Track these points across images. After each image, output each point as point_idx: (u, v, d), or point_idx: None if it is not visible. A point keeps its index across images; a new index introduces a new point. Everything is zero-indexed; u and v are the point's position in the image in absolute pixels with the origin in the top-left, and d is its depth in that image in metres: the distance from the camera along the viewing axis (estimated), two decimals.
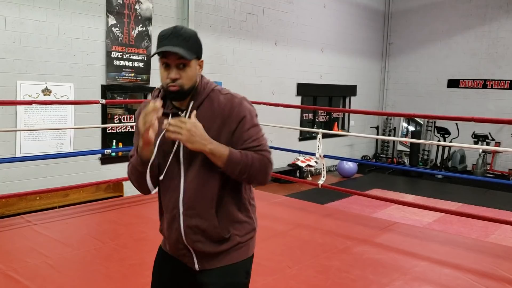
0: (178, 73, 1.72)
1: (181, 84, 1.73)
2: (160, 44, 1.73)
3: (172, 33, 1.72)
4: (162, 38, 1.73)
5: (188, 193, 1.80)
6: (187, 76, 1.74)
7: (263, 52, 8.98)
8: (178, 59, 1.70)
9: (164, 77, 1.75)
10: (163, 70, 1.75)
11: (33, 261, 3.60)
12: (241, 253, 1.90)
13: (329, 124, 11.16)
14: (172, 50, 1.68)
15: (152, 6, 6.95)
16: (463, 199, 8.25)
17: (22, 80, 5.71)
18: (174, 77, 1.72)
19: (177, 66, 1.72)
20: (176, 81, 1.72)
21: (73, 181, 5.94)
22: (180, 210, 1.82)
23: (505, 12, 10.71)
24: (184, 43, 1.71)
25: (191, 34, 1.75)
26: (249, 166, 1.73)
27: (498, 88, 10.84)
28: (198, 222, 1.81)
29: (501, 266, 3.82)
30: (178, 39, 1.70)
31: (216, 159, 1.71)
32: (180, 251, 1.88)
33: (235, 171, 1.73)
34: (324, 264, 3.79)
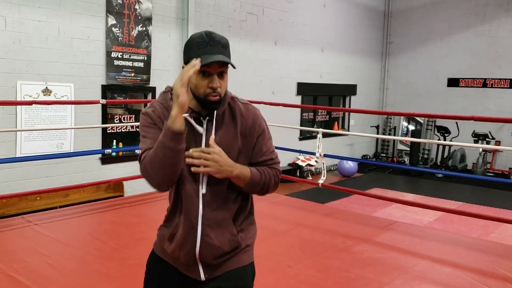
0: (219, 82, 1.68)
1: (220, 93, 1.69)
2: (199, 51, 1.64)
3: (211, 39, 1.65)
4: (200, 45, 1.64)
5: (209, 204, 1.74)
6: (225, 85, 1.73)
7: (263, 51, 8.99)
8: (220, 67, 1.66)
9: (203, 86, 1.66)
10: (200, 79, 1.66)
11: (33, 261, 3.60)
12: (248, 256, 1.89)
13: (329, 123, 11.16)
14: (222, 59, 1.63)
15: (152, 6, 6.95)
16: (463, 198, 8.26)
17: (22, 80, 5.71)
18: (217, 87, 1.66)
19: (218, 75, 1.68)
20: (217, 90, 1.67)
21: (74, 181, 5.95)
22: (199, 220, 1.74)
23: (505, 11, 10.70)
24: (224, 51, 1.67)
25: (227, 41, 1.73)
26: (267, 183, 1.80)
27: (498, 87, 10.84)
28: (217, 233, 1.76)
29: (502, 265, 3.82)
30: (219, 46, 1.66)
31: (240, 181, 1.73)
32: (186, 262, 1.80)
33: (254, 189, 1.80)
34: (325, 263, 3.80)
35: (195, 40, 1.67)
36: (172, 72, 7.28)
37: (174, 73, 7.30)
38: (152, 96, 7.07)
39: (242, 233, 1.84)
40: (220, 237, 1.77)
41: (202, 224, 1.74)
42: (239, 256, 1.84)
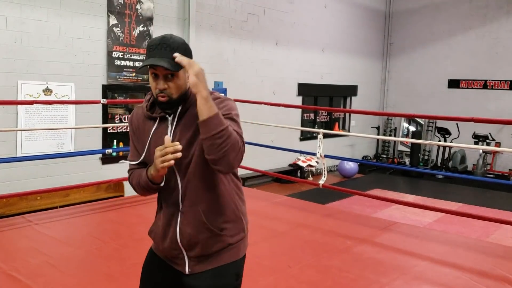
0: (166, 83, 1.74)
1: (169, 94, 1.75)
2: (148, 55, 1.74)
3: (160, 43, 1.72)
4: (150, 48, 1.73)
5: (186, 191, 1.84)
6: (175, 86, 1.76)
7: (264, 52, 8.99)
8: (166, 70, 1.71)
9: (153, 87, 1.77)
10: (152, 80, 1.77)
11: (34, 261, 3.61)
12: (231, 255, 1.91)
13: (330, 124, 11.16)
14: (157, 63, 1.68)
15: (153, 6, 6.96)
16: (463, 199, 8.26)
17: (23, 80, 5.72)
18: (162, 88, 1.74)
19: (165, 77, 1.74)
20: (165, 91, 1.75)
21: (74, 181, 5.95)
22: (180, 208, 1.86)
23: (505, 12, 10.71)
24: (171, 54, 1.70)
25: (179, 43, 1.75)
26: (228, 133, 1.66)
27: (498, 88, 10.84)
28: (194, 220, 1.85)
29: (501, 266, 3.82)
30: (165, 50, 1.71)
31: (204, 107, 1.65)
32: (173, 252, 1.91)
33: (214, 130, 1.64)
34: (325, 263, 3.80)
35: (149, 43, 1.76)
36: None
37: None
38: None
39: (225, 230, 1.89)
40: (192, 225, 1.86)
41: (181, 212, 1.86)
42: (221, 255, 1.88)
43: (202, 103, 1.67)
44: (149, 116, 1.88)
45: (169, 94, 1.75)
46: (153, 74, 1.75)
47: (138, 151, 1.94)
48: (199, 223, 1.85)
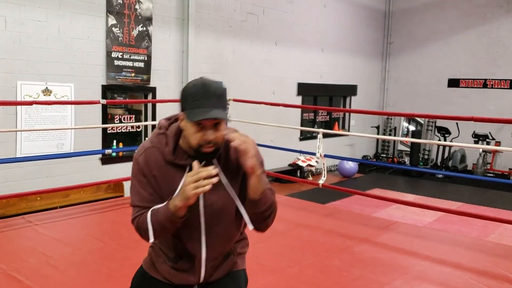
0: (214, 133, 1.63)
1: (215, 143, 1.66)
2: (194, 104, 1.61)
3: (205, 91, 1.61)
4: (195, 97, 1.61)
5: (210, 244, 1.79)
6: (221, 135, 1.66)
7: (263, 52, 8.99)
8: (216, 119, 1.62)
9: (198, 138, 1.63)
10: (195, 131, 1.63)
11: (34, 261, 3.61)
12: (241, 262, 1.95)
13: (330, 123, 11.16)
14: (217, 116, 1.59)
15: (152, 6, 6.95)
16: (463, 198, 8.26)
17: (23, 80, 5.72)
18: (212, 139, 1.63)
19: (212, 126, 1.63)
20: (212, 142, 1.65)
21: (74, 181, 5.95)
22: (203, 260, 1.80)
23: (505, 11, 10.70)
24: (219, 103, 1.63)
25: (223, 90, 1.66)
26: (274, 204, 1.79)
27: (498, 87, 10.84)
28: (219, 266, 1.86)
29: (501, 265, 3.82)
30: (213, 99, 1.61)
31: (258, 186, 1.69)
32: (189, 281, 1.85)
33: (264, 206, 1.74)
34: (325, 263, 3.80)
35: (190, 91, 1.64)
36: (172, 72, 7.29)
37: (174, 73, 7.30)
38: (153, 96, 7.07)
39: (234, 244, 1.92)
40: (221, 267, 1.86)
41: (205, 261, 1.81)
42: (234, 262, 1.90)
43: (256, 181, 1.68)
44: (174, 164, 1.72)
45: (215, 144, 1.65)
46: (197, 124, 1.62)
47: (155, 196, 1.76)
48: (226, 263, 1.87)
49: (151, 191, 1.75)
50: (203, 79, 1.66)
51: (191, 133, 1.64)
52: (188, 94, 1.63)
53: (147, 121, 7.08)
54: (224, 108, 1.65)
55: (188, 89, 1.65)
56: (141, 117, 7.21)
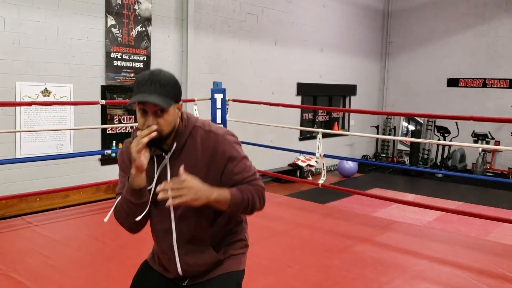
0: (156, 120, 1.68)
1: (159, 131, 1.69)
2: (137, 90, 1.69)
3: (149, 79, 1.67)
4: (139, 84, 1.68)
5: (182, 236, 1.83)
6: (165, 123, 1.70)
7: (262, 52, 8.99)
8: (155, 106, 1.67)
9: (141, 124, 1.70)
10: (140, 116, 1.71)
11: (34, 262, 3.60)
12: (232, 264, 1.91)
13: (329, 123, 11.16)
14: (148, 100, 1.64)
15: (151, 6, 6.95)
16: (463, 197, 8.26)
17: (22, 81, 5.71)
18: (151, 124, 1.68)
19: (155, 113, 1.68)
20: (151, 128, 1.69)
21: (73, 182, 5.95)
22: (176, 252, 1.84)
23: (504, 11, 10.71)
24: (162, 90, 1.67)
25: (169, 79, 1.72)
26: (251, 200, 1.76)
27: (497, 87, 10.84)
28: (196, 257, 1.85)
29: (501, 264, 3.82)
30: (155, 86, 1.66)
31: (221, 205, 1.72)
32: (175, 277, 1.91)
33: (239, 210, 1.76)
34: (325, 263, 3.80)
35: (137, 79, 1.71)
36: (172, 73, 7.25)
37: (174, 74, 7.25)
38: None
39: (227, 246, 1.91)
40: (200, 260, 1.85)
41: (179, 255, 1.84)
42: (223, 264, 1.89)
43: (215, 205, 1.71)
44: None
45: (159, 131, 1.68)
46: (142, 110, 1.69)
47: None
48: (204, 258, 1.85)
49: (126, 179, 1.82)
50: (155, 69, 1.73)
51: (138, 120, 1.73)
52: (136, 81, 1.72)
53: None
54: (168, 97, 1.68)
55: (138, 77, 1.73)
56: None
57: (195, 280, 1.89)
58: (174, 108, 1.73)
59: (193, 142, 1.79)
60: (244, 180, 1.78)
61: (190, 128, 1.81)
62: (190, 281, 1.90)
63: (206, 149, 1.77)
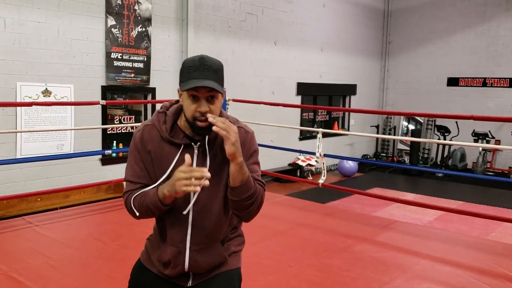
0: (208, 106, 1.67)
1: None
2: (188, 75, 1.65)
3: (201, 64, 1.65)
4: (190, 69, 1.65)
5: (196, 228, 1.79)
6: (216, 109, 1.69)
7: (262, 52, 8.99)
8: (209, 92, 1.65)
9: (192, 110, 1.67)
10: (190, 103, 1.67)
11: (34, 262, 3.61)
12: (235, 261, 1.93)
13: (329, 123, 11.16)
14: (206, 84, 1.62)
15: (152, 6, 6.96)
16: (463, 197, 8.26)
17: (22, 81, 5.72)
18: (205, 111, 1.66)
19: (207, 99, 1.67)
20: (205, 115, 1.66)
21: (74, 182, 5.95)
22: (187, 245, 1.80)
23: (504, 10, 10.71)
24: (214, 76, 1.65)
25: (219, 65, 1.70)
26: (256, 194, 1.74)
27: (497, 86, 10.84)
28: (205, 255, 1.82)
29: (502, 264, 3.83)
30: (208, 71, 1.64)
31: (239, 174, 1.68)
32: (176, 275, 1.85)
33: (244, 194, 1.71)
34: (325, 262, 3.80)
35: (187, 64, 1.68)
36: (172, 73, 7.29)
37: (174, 74, 7.30)
38: (152, 96, 7.08)
39: (228, 241, 1.90)
40: (208, 258, 1.82)
41: (189, 249, 1.80)
42: (227, 262, 1.89)
43: (236, 169, 1.67)
44: (169, 141, 1.76)
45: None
46: (192, 96, 1.66)
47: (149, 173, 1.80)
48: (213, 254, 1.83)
49: (142, 167, 1.79)
50: (202, 55, 1.70)
51: (186, 106, 1.69)
52: (185, 67, 1.68)
53: None
54: (220, 82, 1.68)
55: (186, 62, 1.70)
56: (141, 117, 7.21)
57: (198, 279, 1.86)
58: (222, 95, 1.74)
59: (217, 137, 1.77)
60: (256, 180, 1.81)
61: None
62: (194, 281, 1.85)
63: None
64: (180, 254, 1.80)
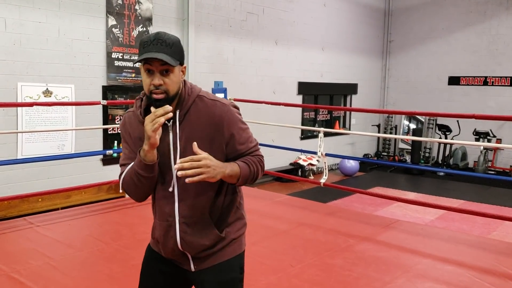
0: (162, 79, 1.69)
1: (165, 90, 1.70)
2: (143, 50, 1.69)
3: (155, 39, 1.68)
4: (145, 44, 1.69)
5: (183, 202, 1.81)
6: (171, 82, 1.71)
7: (263, 51, 8.98)
8: (162, 65, 1.68)
9: (147, 84, 1.71)
10: (146, 77, 1.71)
11: (36, 263, 3.60)
12: (235, 249, 1.92)
13: (331, 122, 11.15)
14: (156, 56, 1.65)
15: (152, 6, 6.95)
16: (465, 196, 8.25)
17: (23, 82, 5.72)
18: (158, 83, 1.69)
19: (161, 73, 1.69)
20: (160, 87, 1.70)
21: (75, 183, 5.95)
22: (176, 219, 1.83)
23: (505, 8, 10.69)
24: (167, 49, 1.68)
25: (174, 40, 1.72)
26: (255, 172, 1.83)
27: (498, 85, 10.83)
28: (195, 229, 1.83)
29: (504, 263, 3.82)
30: (161, 45, 1.67)
31: (232, 179, 1.76)
32: (175, 256, 1.90)
33: (246, 182, 1.82)
34: (327, 262, 3.79)
35: (143, 40, 1.72)
36: None
37: None
38: None
39: (228, 227, 1.89)
40: (199, 233, 1.83)
41: (179, 222, 1.83)
42: (225, 250, 1.89)
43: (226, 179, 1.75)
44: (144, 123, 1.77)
45: (165, 90, 1.70)
46: (147, 70, 1.70)
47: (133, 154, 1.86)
48: (204, 230, 1.84)
49: (130, 149, 1.87)
50: (159, 31, 1.74)
51: (143, 81, 1.73)
52: (141, 42, 1.71)
53: None
54: (174, 56, 1.69)
55: (143, 39, 1.73)
56: None
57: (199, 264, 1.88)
58: (179, 70, 1.75)
59: (196, 111, 1.78)
60: (248, 151, 1.84)
61: (194, 96, 1.80)
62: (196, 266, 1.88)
63: (212, 118, 1.77)
64: (171, 227, 1.84)
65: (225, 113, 1.78)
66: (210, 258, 1.87)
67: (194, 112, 1.78)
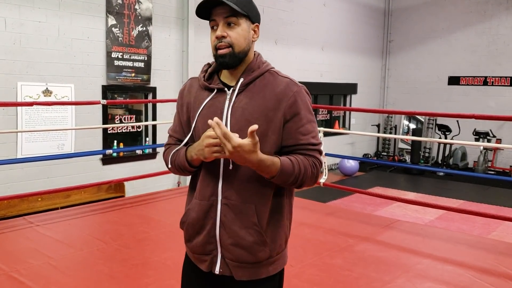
0: (225, 31, 1.52)
1: (230, 43, 1.52)
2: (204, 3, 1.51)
3: None
4: None
5: (230, 183, 1.58)
6: (237, 35, 1.52)
7: (263, 51, 8.85)
8: (226, 17, 1.51)
9: (212, 40, 1.55)
10: (212, 34, 1.56)
11: (36, 262, 3.60)
12: (280, 263, 1.69)
13: (330, 122, 11.16)
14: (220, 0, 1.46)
15: (152, 6, 6.95)
16: (464, 196, 8.25)
17: (23, 81, 5.71)
18: (220, 35, 1.52)
19: (226, 24, 1.52)
20: (224, 40, 1.52)
21: (75, 182, 5.95)
22: (219, 199, 1.59)
23: (505, 8, 10.69)
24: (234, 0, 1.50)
25: None
26: (301, 176, 1.56)
27: (498, 85, 10.83)
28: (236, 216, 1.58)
29: (503, 263, 3.82)
30: None
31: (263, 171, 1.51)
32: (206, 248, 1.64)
33: (285, 182, 1.56)
34: (327, 262, 3.79)
35: None
36: (173, 72, 7.28)
37: (175, 73, 7.30)
38: (153, 96, 7.07)
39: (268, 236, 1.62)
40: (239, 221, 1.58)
41: (221, 203, 1.59)
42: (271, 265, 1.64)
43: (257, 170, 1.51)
44: (205, 87, 1.64)
45: (230, 44, 1.52)
46: (212, 27, 1.56)
47: (183, 127, 1.71)
48: (248, 223, 1.57)
49: (179, 122, 1.73)
50: None
51: (210, 40, 1.59)
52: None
53: (148, 121, 7.08)
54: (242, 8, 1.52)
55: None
56: (141, 117, 7.21)
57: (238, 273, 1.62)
58: (249, 26, 1.57)
59: (262, 84, 1.58)
60: (307, 146, 1.58)
61: (263, 69, 1.62)
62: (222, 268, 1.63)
63: (278, 94, 1.56)
64: (212, 207, 1.60)
65: (296, 93, 1.59)
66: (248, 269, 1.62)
67: (259, 85, 1.58)
